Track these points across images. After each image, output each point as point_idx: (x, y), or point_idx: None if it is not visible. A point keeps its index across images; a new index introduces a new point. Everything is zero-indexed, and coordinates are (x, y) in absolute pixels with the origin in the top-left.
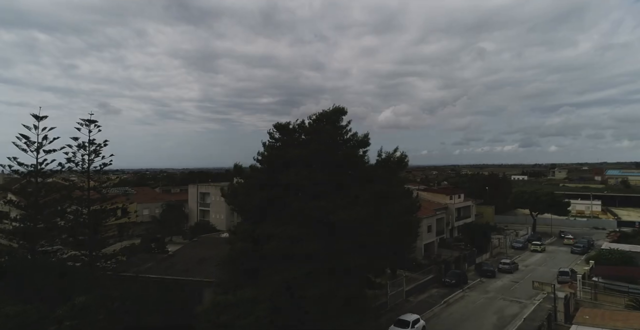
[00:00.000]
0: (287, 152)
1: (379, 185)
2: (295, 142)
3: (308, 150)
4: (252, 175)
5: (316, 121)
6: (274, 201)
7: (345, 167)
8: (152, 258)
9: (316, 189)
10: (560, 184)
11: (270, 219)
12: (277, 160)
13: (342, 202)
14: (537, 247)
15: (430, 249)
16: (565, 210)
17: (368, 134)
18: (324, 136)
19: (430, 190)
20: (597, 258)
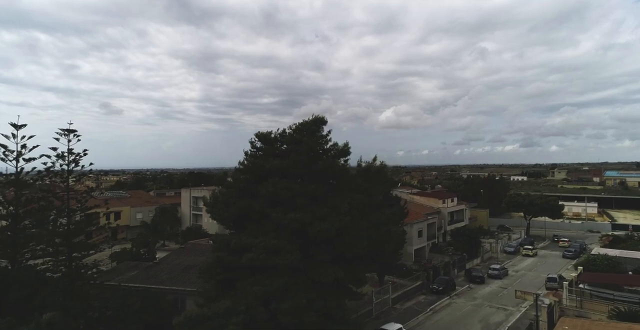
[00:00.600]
0: (267, 162)
1: (359, 195)
2: (276, 152)
3: (287, 161)
4: (233, 185)
5: (296, 131)
6: (252, 211)
7: (324, 178)
8: (138, 266)
9: (294, 200)
10: (558, 185)
11: (249, 230)
12: (257, 170)
13: (320, 213)
14: (529, 252)
15: (421, 254)
16: (559, 213)
17: (348, 144)
18: (303, 146)
19: (423, 194)
20: (586, 264)
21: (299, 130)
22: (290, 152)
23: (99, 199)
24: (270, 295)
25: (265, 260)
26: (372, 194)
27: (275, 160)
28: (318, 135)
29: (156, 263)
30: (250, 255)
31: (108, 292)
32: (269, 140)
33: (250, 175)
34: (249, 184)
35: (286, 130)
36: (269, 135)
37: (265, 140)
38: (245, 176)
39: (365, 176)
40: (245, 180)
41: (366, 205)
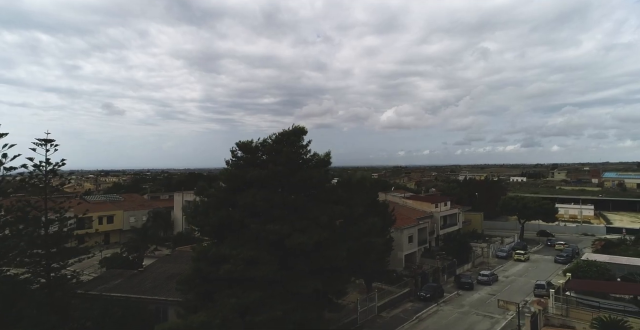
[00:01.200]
0: (247, 172)
1: (339, 206)
2: (257, 162)
3: (266, 172)
4: (214, 194)
5: (276, 141)
6: (232, 222)
7: (304, 189)
8: (122, 274)
9: (273, 211)
10: (556, 187)
11: (229, 240)
12: (236, 180)
13: (299, 225)
14: (521, 257)
15: (412, 259)
16: (553, 216)
17: (329, 153)
18: (281, 157)
19: (416, 198)
20: (574, 270)
21: (278, 140)
22: (269, 162)
23: (92, 202)
24: (246, 307)
25: (243, 272)
26: (352, 205)
27: (255, 171)
28: (298, 146)
29: (141, 271)
30: (227, 267)
31: (89, 302)
32: (250, 149)
33: (230, 185)
34: (229, 193)
35: (267, 139)
36: (249, 145)
37: (246, 149)
38: (225, 186)
39: (347, 187)
40: (225, 190)
41: (346, 216)
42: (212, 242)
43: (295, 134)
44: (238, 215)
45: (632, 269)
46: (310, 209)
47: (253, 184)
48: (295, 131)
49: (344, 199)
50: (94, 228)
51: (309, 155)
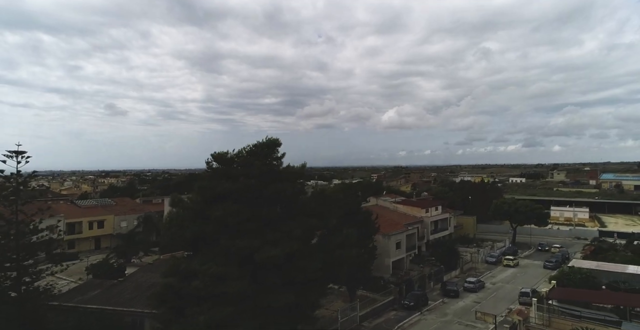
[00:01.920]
0: (219, 185)
1: (312, 219)
2: (232, 173)
3: (238, 185)
4: (188, 206)
5: (250, 154)
6: (204, 236)
7: (277, 202)
8: (101, 284)
9: (244, 225)
10: (554, 188)
11: (201, 254)
12: (209, 192)
13: (271, 239)
14: (510, 262)
15: (400, 266)
16: (545, 221)
17: (305, 165)
18: (253, 170)
19: (407, 203)
20: (560, 278)
21: (252, 152)
22: (241, 175)
23: (82, 207)
24: (217, 323)
25: (212, 288)
26: (326, 217)
27: (227, 184)
28: (272, 158)
29: (121, 281)
30: (196, 283)
31: (65, 314)
32: (225, 161)
33: (203, 198)
34: (203, 206)
35: (242, 150)
36: (224, 156)
37: (220, 161)
38: (199, 198)
39: (320, 200)
40: (198, 203)
41: (320, 228)
42: (185, 256)
43: (269, 146)
44: (210, 229)
45: (618, 276)
46: (282, 222)
47: (225, 197)
48: (269, 143)
49: (317, 211)
50: (84, 233)
51: (282, 168)
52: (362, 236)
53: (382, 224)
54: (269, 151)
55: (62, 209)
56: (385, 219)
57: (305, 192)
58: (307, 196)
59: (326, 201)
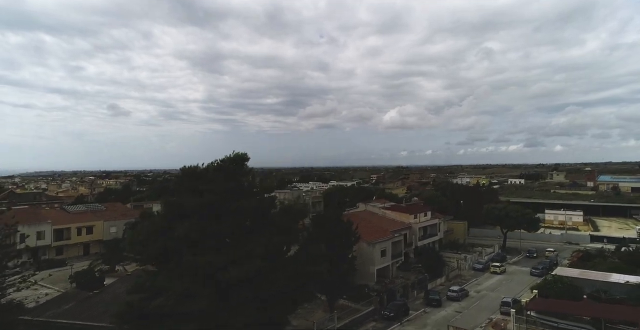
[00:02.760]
0: (185, 200)
1: (277, 236)
2: (199, 188)
3: (202, 201)
4: (154, 221)
5: (216, 169)
6: (170, 252)
7: (241, 218)
8: (76, 297)
9: (208, 242)
10: (551, 190)
11: (166, 271)
12: (176, 208)
13: (236, 256)
14: (497, 269)
15: (385, 273)
16: (535, 226)
17: (273, 180)
18: (218, 186)
19: (395, 208)
20: (541, 287)
21: (219, 167)
22: (207, 191)
23: (72, 213)
24: None
25: (176, 306)
26: (292, 233)
27: (193, 199)
28: (238, 173)
29: (97, 293)
30: (159, 301)
31: (35, 329)
32: (193, 176)
33: (169, 213)
34: (168, 221)
35: (212, 165)
36: (194, 171)
37: (189, 175)
38: (165, 213)
39: (286, 216)
40: (164, 218)
41: (285, 245)
42: (149, 273)
43: (236, 161)
44: (174, 245)
45: (601, 285)
46: (247, 239)
47: (191, 212)
48: (237, 158)
49: (283, 227)
50: (72, 239)
51: (249, 183)
52: (342, 246)
53: (368, 231)
54: (236, 166)
55: (51, 215)
56: (372, 225)
57: (275, 206)
58: (274, 212)
59: (292, 217)
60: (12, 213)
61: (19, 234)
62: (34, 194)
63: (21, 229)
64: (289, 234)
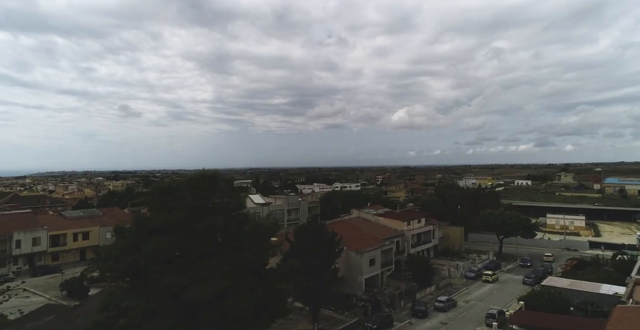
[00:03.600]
0: (155, 217)
1: (245, 254)
2: (169, 206)
3: (171, 218)
4: (126, 237)
5: (187, 187)
6: (139, 270)
7: (210, 236)
8: (57, 309)
9: (177, 261)
10: (556, 193)
11: (135, 289)
12: (146, 225)
13: (202, 274)
14: (489, 277)
15: (374, 283)
16: (532, 233)
17: (243, 198)
18: (188, 203)
19: (388, 215)
20: (529, 298)
21: (190, 185)
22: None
23: (69, 218)
24: None
25: (139, 326)
26: (260, 252)
27: (162, 217)
28: (210, 190)
29: (77, 305)
30: (123, 321)
31: None
32: (165, 192)
33: (140, 230)
34: (139, 238)
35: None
36: (166, 187)
37: (161, 192)
38: (136, 230)
39: (254, 234)
40: (136, 234)
41: (252, 263)
42: (118, 291)
43: (207, 178)
44: (144, 262)
45: (589, 296)
46: (213, 258)
47: (161, 230)
48: (208, 175)
49: (252, 245)
50: (68, 245)
51: (218, 200)
52: (325, 258)
53: (358, 239)
54: (204, 184)
55: (47, 221)
56: (362, 233)
57: (246, 223)
58: (244, 229)
59: (261, 235)
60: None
61: (15, 240)
62: (38, 197)
63: (16, 235)
64: (256, 252)
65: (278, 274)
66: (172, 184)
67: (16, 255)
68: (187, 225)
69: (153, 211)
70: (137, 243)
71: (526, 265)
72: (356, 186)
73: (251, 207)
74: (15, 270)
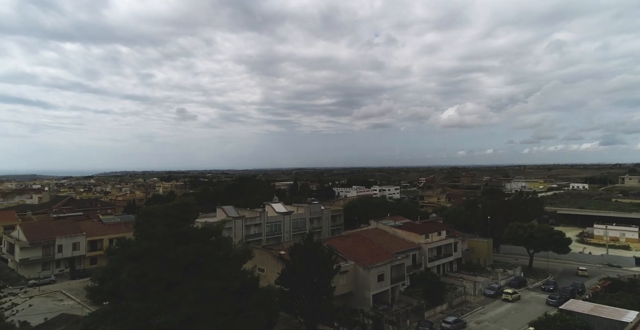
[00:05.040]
0: (131, 244)
1: (213, 282)
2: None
3: (145, 246)
4: (111, 261)
5: (162, 215)
6: (119, 294)
7: (181, 264)
8: (69, 320)
9: (149, 287)
10: (612, 199)
11: (113, 314)
12: (125, 251)
13: (170, 301)
14: (509, 296)
15: (383, 298)
16: (565, 248)
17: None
18: (159, 232)
19: (406, 227)
20: (540, 324)
21: (166, 213)
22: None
23: (106, 224)
24: None
25: None
26: (233, 279)
27: (138, 244)
28: (182, 219)
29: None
30: None
31: None
32: (148, 218)
33: (120, 256)
34: (120, 263)
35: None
36: (149, 214)
37: (146, 217)
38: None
39: (226, 262)
40: (116, 261)
41: (220, 291)
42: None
43: (179, 208)
44: (121, 288)
45: (611, 324)
46: (182, 285)
47: (135, 257)
48: (179, 205)
49: (222, 273)
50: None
51: (192, 228)
52: (320, 277)
53: (368, 253)
54: (181, 212)
55: (87, 227)
56: (374, 247)
57: (221, 250)
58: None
59: (230, 263)
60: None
61: (57, 245)
62: (90, 200)
63: (59, 241)
64: (226, 280)
65: (253, 301)
66: (155, 211)
67: (58, 259)
68: (157, 253)
69: (137, 235)
70: (119, 267)
71: (548, 289)
72: (395, 189)
73: (272, 216)
74: (57, 273)
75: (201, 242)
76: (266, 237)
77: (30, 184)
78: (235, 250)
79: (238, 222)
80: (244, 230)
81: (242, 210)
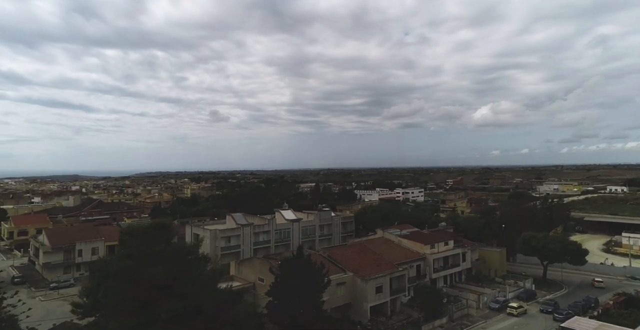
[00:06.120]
0: (108, 263)
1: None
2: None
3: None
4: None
5: (139, 235)
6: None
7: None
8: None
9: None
10: None
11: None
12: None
13: (142, 320)
14: (513, 311)
15: (383, 310)
16: (581, 259)
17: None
18: (135, 252)
19: (412, 237)
20: None
21: (143, 233)
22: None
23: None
24: None
25: None
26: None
27: (115, 263)
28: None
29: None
30: None
31: None
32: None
33: (99, 275)
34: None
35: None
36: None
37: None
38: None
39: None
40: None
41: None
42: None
43: (158, 228)
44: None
45: None
46: (155, 304)
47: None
48: (156, 225)
49: (196, 292)
50: None
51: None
52: (311, 290)
53: (371, 263)
54: (155, 233)
55: (106, 232)
56: (377, 257)
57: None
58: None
59: (201, 283)
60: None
61: (77, 250)
62: (117, 204)
63: (79, 246)
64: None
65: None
66: (135, 229)
67: (78, 263)
68: (133, 272)
69: (119, 252)
70: (98, 285)
71: (547, 310)
72: (419, 192)
73: (281, 223)
74: (77, 277)
75: (178, 261)
76: (275, 244)
77: (71, 185)
78: (208, 270)
79: (247, 229)
80: (252, 237)
81: (251, 217)
